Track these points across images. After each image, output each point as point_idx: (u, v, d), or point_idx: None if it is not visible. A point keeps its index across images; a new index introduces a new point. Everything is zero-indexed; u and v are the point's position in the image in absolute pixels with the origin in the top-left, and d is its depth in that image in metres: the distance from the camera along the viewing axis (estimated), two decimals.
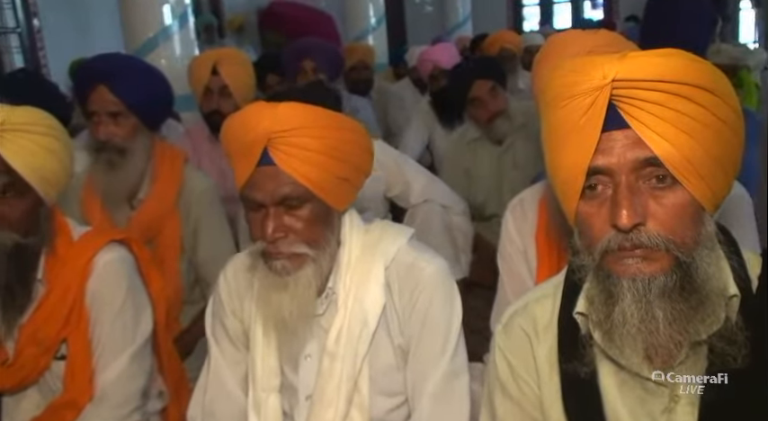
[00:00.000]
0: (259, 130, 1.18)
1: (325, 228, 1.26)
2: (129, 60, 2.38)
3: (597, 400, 0.96)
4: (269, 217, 1.20)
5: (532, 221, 1.69)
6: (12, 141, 1.40)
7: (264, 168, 1.19)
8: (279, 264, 1.23)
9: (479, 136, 2.99)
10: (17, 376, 1.51)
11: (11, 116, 1.41)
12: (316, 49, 3.53)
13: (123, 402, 1.53)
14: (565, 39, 1.58)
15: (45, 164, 1.44)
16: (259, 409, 1.34)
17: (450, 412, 1.29)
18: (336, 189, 1.25)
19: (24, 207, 1.43)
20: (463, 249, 2.67)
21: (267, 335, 1.34)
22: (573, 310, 0.97)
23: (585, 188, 0.88)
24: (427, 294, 1.29)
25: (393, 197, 2.58)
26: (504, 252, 1.76)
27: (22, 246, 1.43)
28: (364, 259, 1.32)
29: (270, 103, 1.21)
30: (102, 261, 1.55)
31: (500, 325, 1.08)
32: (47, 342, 1.50)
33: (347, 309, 1.30)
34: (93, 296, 1.53)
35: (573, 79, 0.87)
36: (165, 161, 2.18)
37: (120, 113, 2.04)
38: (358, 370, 1.30)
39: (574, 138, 0.87)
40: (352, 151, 1.26)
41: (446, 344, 1.29)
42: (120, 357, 1.53)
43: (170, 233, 2.16)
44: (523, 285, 1.68)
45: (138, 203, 2.15)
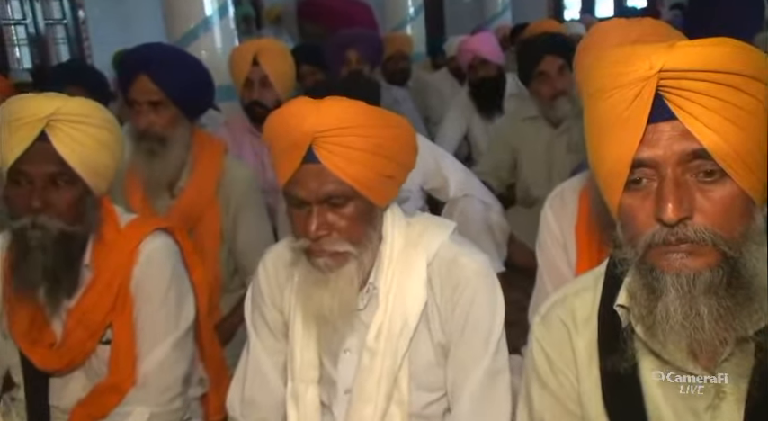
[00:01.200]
0: (303, 129, 1.17)
1: (367, 226, 1.26)
2: (170, 50, 2.41)
3: (638, 395, 0.95)
4: (313, 215, 1.20)
5: (572, 213, 1.67)
6: (64, 132, 1.42)
7: (309, 166, 1.19)
8: (321, 261, 1.23)
9: (537, 114, 2.93)
10: (65, 358, 1.55)
11: (64, 106, 1.43)
12: (360, 40, 3.53)
13: (165, 388, 1.56)
14: (608, 28, 1.55)
15: (96, 156, 1.47)
16: (297, 400, 1.35)
17: (491, 410, 1.28)
18: (381, 186, 1.25)
19: (72, 197, 1.46)
20: (501, 244, 2.65)
21: (307, 328, 1.34)
22: (614, 303, 0.95)
23: (630, 181, 0.87)
24: (469, 292, 1.28)
25: (430, 190, 2.57)
26: (544, 244, 1.74)
27: (67, 234, 1.46)
28: (406, 254, 1.31)
29: (313, 101, 1.21)
30: (147, 248, 1.57)
31: (538, 316, 1.07)
32: (93, 325, 1.54)
33: (388, 306, 1.29)
34: (138, 283, 1.56)
35: (618, 70, 0.85)
36: (204, 151, 2.21)
37: (160, 102, 2.08)
38: (398, 366, 1.29)
39: (618, 130, 0.86)
40: (397, 148, 1.25)
41: (488, 343, 1.28)
42: (162, 344, 1.56)
43: (210, 222, 2.19)
44: (562, 277, 1.66)
45: (178, 192, 2.19)
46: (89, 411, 1.56)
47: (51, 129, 1.42)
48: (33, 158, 1.41)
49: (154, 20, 5.41)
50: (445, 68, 5.28)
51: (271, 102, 2.62)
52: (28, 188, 1.42)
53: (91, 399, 1.57)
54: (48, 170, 1.42)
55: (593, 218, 1.57)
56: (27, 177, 1.43)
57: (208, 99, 2.33)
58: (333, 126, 1.17)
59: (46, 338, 1.55)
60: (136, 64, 2.12)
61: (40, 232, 1.43)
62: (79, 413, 1.57)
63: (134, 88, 2.09)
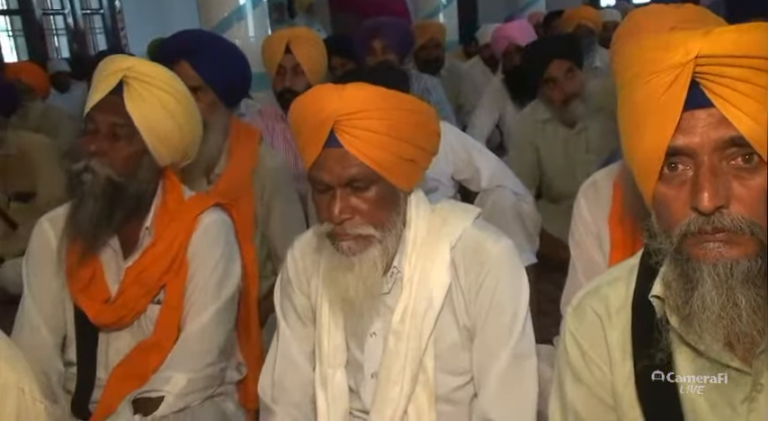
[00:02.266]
0: (326, 113, 1.19)
1: (391, 210, 1.27)
2: (209, 37, 2.45)
3: (672, 387, 0.94)
4: (336, 198, 1.22)
5: (606, 203, 1.65)
6: (134, 89, 1.53)
7: (331, 150, 1.21)
8: (345, 245, 1.24)
9: (550, 117, 2.92)
10: (117, 313, 1.62)
11: (138, 65, 1.55)
12: (386, 28, 3.51)
13: (203, 354, 1.61)
14: (646, 14, 1.53)
15: (157, 117, 1.55)
16: (326, 385, 1.37)
17: (518, 394, 1.28)
18: (403, 170, 1.26)
19: (128, 151, 1.54)
20: (532, 236, 2.64)
21: (333, 313, 1.36)
22: (648, 294, 0.94)
23: (665, 169, 0.85)
24: (494, 275, 1.28)
25: (461, 180, 2.56)
26: (577, 235, 1.72)
27: (115, 183, 1.53)
28: (430, 239, 1.32)
29: (336, 85, 1.23)
30: (206, 219, 1.66)
31: (571, 307, 1.06)
32: (149, 284, 1.61)
33: (412, 289, 1.30)
34: (194, 249, 1.64)
35: (654, 56, 0.84)
36: (241, 139, 2.25)
37: (199, 88, 2.12)
38: (423, 349, 1.30)
39: (654, 117, 0.85)
40: (418, 132, 1.26)
41: (513, 326, 1.28)
42: (205, 312, 1.62)
43: (244, 208, 2.22)
44: (596, 268, 1.65)
45: (215, 178, 2.23)
46: (129, 370, 1.62)
47: (126, 85, 1.53)
48: (103, 108, 1.53)
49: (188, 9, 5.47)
50: (478, 56, 5.25)
51: (302, 89, 2.62)
52: (93, 134, 1.53)
53: (132, 357, 1.63)
54: (111, 120, 1.52)
55: (626, 208, 1.55)
56: (94, 124, 1.53)
57: (245, 87, 2.37)
58: (354, 110, 1.19)
59: (101, 294, 1.62)
60: (176, 50, 2.17)
61: (90, 176, 1.52)
62: (119, 372, 1.62)
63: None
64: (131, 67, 1.53)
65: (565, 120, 2.87)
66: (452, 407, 1.35)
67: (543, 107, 2.94)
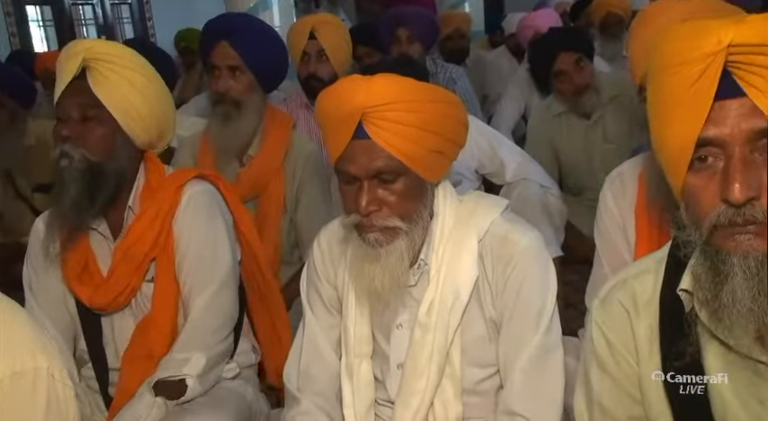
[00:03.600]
0: (354, 104, 1.18)
1: (418, 202, 1.26)
2: (250, 19, 2.50)
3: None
4: (363, 190, 1.21)
5: (632, 195, 1.63)
6: (98, 71, 1.53)
7: (359, 142, 1.20)
8: (372, 236, 1.24)
9: (566, 109, 2.89)
10: (110, 294, 1.62)
11: (98, 46, 1.55)
12: (411, 18, 3.49)
13: (215, 330, 1.63)
14: (659, 7, 1.52)
15: (127, 96, 1.55)
16: (352, 375, 1.37)
17: (543, 387, 1.28)
18: (430, 162, 1.25)
19: (101, 132, 1.54)
20: (559, 228, 2.62)
21: (360, 304, 1.36)
22: (676, 287, 0.93)
23: (694, 160, 0.84)
24: (521, 268, 1.28)
25: (486, 174, 2.55)
26: (602, 226, 1.71)
27: (91, 164, 1.54)
28: (457, 231, 1.31)
29: (364, 76, 1.22)
30: (190, 190, 1.66)
31: (597, 299, 1.05)
32: (137, 260, 1.62)
33: (439, 281, 1.30)
34: (181, 223, 1.64)
35: (685, 45, 0.82)
36: (275, 123, 2.29)
37: (238, 68, 2.17)
38: (450, 341, 1.30)
39: (683, 108, 0.83)
40: (446, 124, 1.25)
41: (540, 319, 1.28)
42: (206, 289, 1.63)
43: (274, 191, 2.26)
44: (621, 260, 1.64)
45: (247, 160, 2.27)
46: (136, 351, 1.63)
47: (88, 68, 1.53)
48: (70, 93, 1.53)
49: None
50: (503, 46, 5.19)
51: (327, 75, 2.66)
52: (64, 120, 1.54)
53: (136, 338, 1.65)
54: (79, 102, 1.52)
55: (649, 199, 1.54)
56: (64, 110, 1.53)
57: (282, 71, 2.39)
58: (382, 101, 1.18)
59: (95, 279, 1.64)
60: (217, 30, 2.22)
61: (66, 160, 1.53)
62: (128, 356, 1.64)
63: (215, 53, 2.19)
64: (90, 48, 1.53)
65: (579, 111, 2.84)
66: (478, 399, 1.35)
67: (558, 102, 2.92)
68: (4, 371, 0.80)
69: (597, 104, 2.80)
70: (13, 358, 0.81)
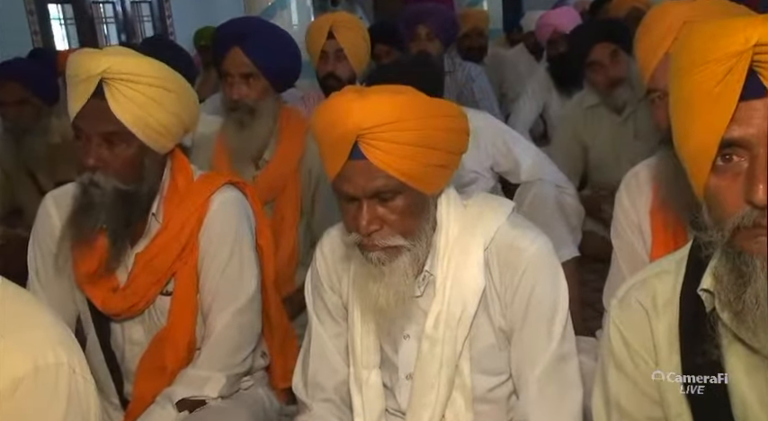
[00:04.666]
0: (348, 126, 1.15)
1: (419, 218, 1.24)
2: (262, 24, 2.47)
3: (722, 383, 0.91)
4: (362, 210, 1.19)
5: (647, 195, 1.62)
6: (118, 90, 1.42)
7: (355, 162, 1.17)
8: (374, 255, 1.22)
9: (598, 102, 2.85)
10: (128, 301, 1.58)
11: (116, 64, 1.41)
12: (430, 15, 3.48)
13: (236, 350, 1.62)
14: (666, 7, 1.51)
15: (152, 114, 1.46)
16: (361, 386, 1.35)
17: (560, 396, 1.26)
18: (431, 177, 1.23)
19: (127, 155, 1.46)
20: (575, 228, 2.60)
21: (365, 316, 1.34)
22: (697, 287, 0.92)
23: (718, 160, 0.83)
24: (530, 276, 1.25)
25: (500, 172, 2.54)
26: (619, 226, 1.70)
27: (123, 192, 1.48)
28: (463, 240, 1.28)
29: (358, 95, 1.18)
30: (219, 199, 1.60)
31: (615, 299, 1.04)
32: (158, 272, 1.57)
33: (445, 293, 1.27)
34: (207, 231, 1.59)
35: (710, 44, 0.81)
36: (290, 125, 2.27)
37: (251, 74, 2.15)
38: (459, 353, 1.28)
39: (707, 108, 0.82)
40: (446, 137, 1.22)
41: (552, 327, 1.26)
42: (230, 306, 1.61)
43: (291, 194, 2.25)
44: (639, 260, 1.62)
45: (263, 164, 2.26)
46: (150, 364, 1.62)
47: (107, 87, 1.42)
48: (89, 116, 1.43)
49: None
50: (522, 44, 5.17)
51: (345, 74, 2.66)
52: (85, 145, 1.44)
53: (150, 351, 1.62)
54: (101, 129, 1.43)
55: (667, 200, 1.52)
56: (84, 134, 1.44)
57: (296, 73, 2.38)
58: (377, 122, 1.15)
59: (109, 282, 1.59)
60: (230, 37, 2.19)
61: (98, 190, 1.46)
62: (142, 367, 1.62)
63: (227, 60, 2.16)
64: (109, 67, 1.40)
65: (611, 105, 2.80)
66: (489, 406, 1.34)
67: (590, 94, 2.89)
68: (27, 367, 0.81)
69: (630, 99, 2.74)
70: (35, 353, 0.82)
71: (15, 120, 2.82)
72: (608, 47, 2.70)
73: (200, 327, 1.64)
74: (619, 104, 2.78)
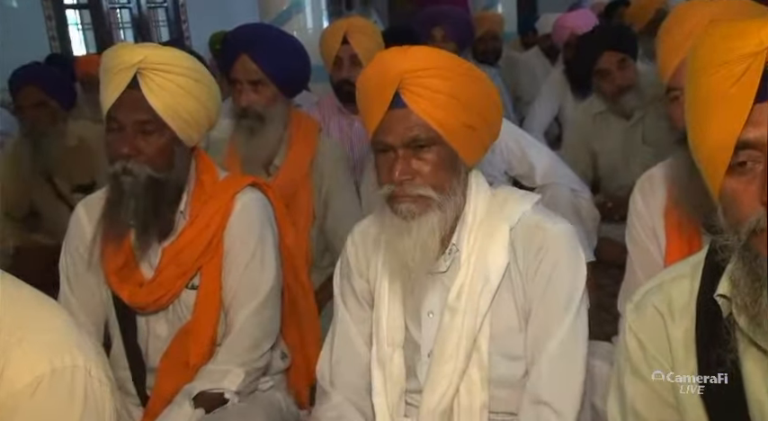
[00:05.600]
0: (393, 71, 1.24)
1: (451, 175, 1.29)
2: (270, 31, 2.47)
3: (739, 388, 0.91)
4: (397, 160, 1.25)
5: (661, 198, 1.61)
6: (152, 80, 1.49)
7: (395, 111, 1.25)
8: (404, 206, 1.26)
9: (606, 109, 2.85)
10: (154, 294, 1.62)
11: (151, 55, 1.49)
12: (446, 17, 3.49)
13: (255, 346, 1.63)
14: (690, 7, 1.51)
15: (182, 103, 1.52)
16: (384, 365, 1.38)
17: (569, 374, 1.27)
18: (464, 135, 1.28)
19: (160, 144, 1.52)
20: (591, 232, 2.59)
21: (393, 291, 1.37)
22: (714, 292, 0.91)
23: (733, 163, 0.82)
24: (552, 255, 1.29)
25: (515, 176, 2.53)
26: (633, 230, 1.69)
27: (156, 180, 1.53)
28: (489, 220, 1.33)
29: (401, 47, 1.28)
30: (243, 199, 1.65)
31: (631, 303, 1.04)
32: (185, 266, 1.61)
33: (470, 266, 1.31)
34: (232, 233, 1.63)
35: (725, 45, 0.80)
36: (300, 130, 2.27)
37: (259, 81, 2.15)
38: (478, 327, 1.30)
39: (722, 109, 0.81)
40: (480, 99, 1.30)
41: (569, 305, 1.28)
42: (250, 303, 1.63)
43: (303, 199, 2.25)
44: (654, 264, 1.61)
45: (274, 170, 2.26)
46: (173, 358, 1.64)
47: (141, 78, 1.48)
48: (124, 106, 1.49)
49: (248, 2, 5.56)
50: (537, 47, 5.16)
51: None
52: (120, 134, 1.50)
53: (174, 346, 1.64)
54: (137, 118, 1.49)
55: (678, 201, 1.52)
56: (119, 124, 1.50)
57: (304, 78, 2.39)
58: (419, 67, 1.23)
59: (135, 278, 1.62)
60: (237, 44, 2.20)
61: (130, 178, 1.50)
62: (165, 362, 1.64)
63: (235, 67, 2.17)
64: (145, 58, 1.47)
65: (619, 111, 2.80)
66: (506, 392, 1.34)
67: (598, 100, 2.89)
68: (44, 369, 0.82)
69: (638, 105, 2.74)
70: (52, 355, 0.83)
71: (33, 123, 2.85)
72: (616, 55, 2.71)
73: (222, 324, 1.66)
74: (627, 111, 2.78)
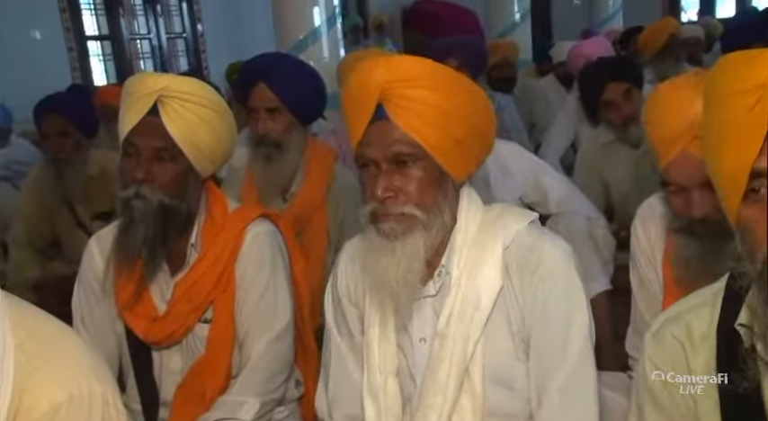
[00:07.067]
0: (374, 80, 1.16)
1: (437, 193, 1.21)
2: (286, 59, 2.50)
3: (761, 418, 0.89)
4: (380, 176, 1.18)
5: (662, 226, 1.58)
6: (172, 108, 1.50)
7: (378, 124, 1.18)
8: (387, 226, 1.19)
9: (614, 139, 2.84)
10: (167, 330, 1.61)
11: (173, 83, 1.51)
12: (460, 47, 3.50)
13: (271, 377, 1.62)
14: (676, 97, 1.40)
15: (199, 133, 1.53)
16: (377, 394, 1.29)
17: (579, 408, 1.20)
18: (451, 150, 1.20)
19: (175, 171, 1.53)
20: (607, 261, 2.56)
21: (383, 316, 1.29)
22: (734, 321, 0.90)
23: (749, 191, 0.82)
24: (549, 279, 1.20)
25: (529, 203, 2.52)
26: (633, 258, 1.66)
27: (167, 207, 1.53)
28: (481, 238, 1.25)
29: (385, 55, 1.22)
30: (253, 231, 1.64)
31: (650, 333, 1.03)
32: (197, 299, 1.60)
33: (459, 289, 1.23)
34: (243, 266, 1.62)
35: (739, 75, 0.81)
36: (316, 158, 2.29)
37: (276, 109, 2.17)
38: (470, 354, 1.22)
39: (736, 138, 0.82)
40: (470, 110, 1.21)
41: (571, 335, 1.20)
42: (265, 334, 1.62)
43: (318, 226, 2.26)
44: (656, 301, 1.58)
45: (290, 197, 2.28)
46: (188, 392, 1.62)
47: (162, 105, 1.50)
48: (143, 131, 1.50)
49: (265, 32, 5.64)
50: (552, 74, 5.18)
51: None
52: (135, 160, 1.51)
53: (188, 380, 1.63)
54: (154, 144, 1.50)
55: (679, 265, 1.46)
56: (136, 149, 1.51)
57: (320, 106, 2.41)
58: (402, 77, 1.16)
59: (148, 312, 1.62)
60: (254, 73, 2.22)
61: (141, 202, 1.50)
62: (179, 396, 1.63)
63: (253, 96, 2.19)
64: (167, 86, 1.50)
65: (628, 141, 2.78)
66: None
67: (606, 131, 2.88)
68: (62, 397, 0.82)
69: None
70: (70, 384, 0.84)
71: (56, 151, 2.89)
72: (620, 86, 2.70)
73: (237, 356, 1.66)
74: (635, 140, 2.75)
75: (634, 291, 1.66)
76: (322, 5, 4.42)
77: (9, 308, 0.86)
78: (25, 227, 3.04)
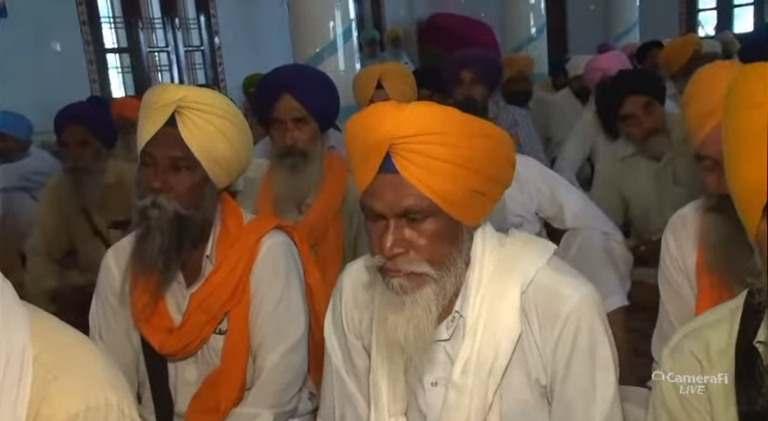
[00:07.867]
0: (381, 134, 1.08)
1: (450, 247, 1.13)
2: (306, 69, 2.53)
3: None
4: (388, 230, 1.09)
5: (694, 237, 1.57)
6: (189, 118, 1.51)
7: (386, 176, 1.09)
8: (396, 282, 1.12)
9: (633, 152, 2.82)
10: (182, 341, 1.62)
11: (191, 94, 1.52)
12: (475, 60, 3.51)
13: (284, 389, 1.62)
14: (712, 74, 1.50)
15: (216, 144, 1.54)
16: None
17: None
18: (466, 203, 1.12)
19: (191, 181, 1.54)
20: (624, 277, 2.54)
21: (391, 361, 1.22)
22: (753, 338, 0.89)
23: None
24: (572, 328, 1.14)
25: (545, 218, 2.50)
26: (666, 271, 1.65)
27: (183, 217, 1.53)
28: (498, 280, 1.18)
29: (396, 104, 1.11)
30: (268, 242, 1.65)
31: (668, 349, 1.01)
32: (213, 311, 1.61)
33: (476, 338, 1.16)
34: (258, 277, 1.63)
35: (757, 87, 0.80)
36: (332, 169, 2.29)
37: (302, 119, 2.18)
38: (488, 406, 1.16)
39: (755, 151, 0.81)
40: (487, 161, 1.12)
41: (596, 381, 1.15)
42: (279, 346, 1.62)
43: (333, 237, 2.26)
44: (686, 306, 1.57)
45: (305, 208, 2.28)
46: (202, 403, 1.63)
47: (179, 116, 1.51)
48: (160, 142, 1.51)
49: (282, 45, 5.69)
50: (567, 88, 5.17)
51: None
52: (152, 169, 1.52)
53: (203, 390, 1.64)
54: (171, 154, 1.51)
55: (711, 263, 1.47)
56: (153, 159, 1.52)
57: (337, 114, 2.43)
58: (413, 132, 1.06)
59: (164, 323, 1.62)
60: (278, 84, 2.24)
61: (158, 211, 1.51)
62: (194, 407, 1.64)
63: (278, 107, 2.19)
64: (184, 96, 1.50)
65: (649, 154, 2.76)
66: None
67: (625, 143, 2.85)
68: (78, 407, 0.83)
69: (667, 147, 2.70)
70: (87, 394, 0.84)
71: (76, 160, 2.93)
72: (641, 99, 2.67)
73: (251, 368, 1.66)
74: (656, 153, 2.73)
75: (663, 299, 1.65)
76: (338, 19, 4.45)
77: (29, 317, 0.86)
78: (43, 236, 3.08)
